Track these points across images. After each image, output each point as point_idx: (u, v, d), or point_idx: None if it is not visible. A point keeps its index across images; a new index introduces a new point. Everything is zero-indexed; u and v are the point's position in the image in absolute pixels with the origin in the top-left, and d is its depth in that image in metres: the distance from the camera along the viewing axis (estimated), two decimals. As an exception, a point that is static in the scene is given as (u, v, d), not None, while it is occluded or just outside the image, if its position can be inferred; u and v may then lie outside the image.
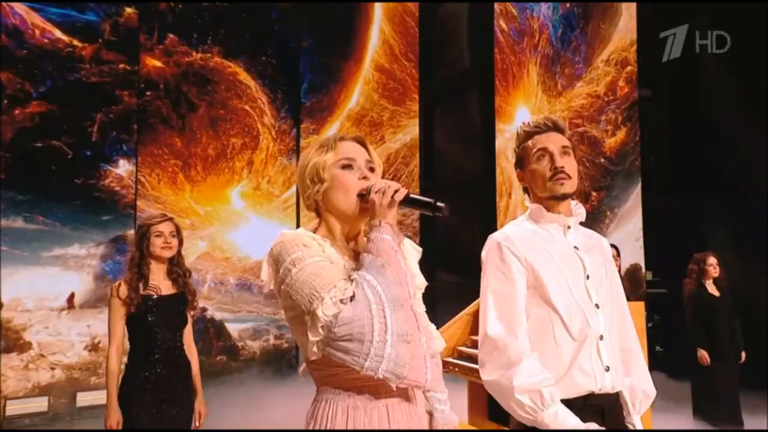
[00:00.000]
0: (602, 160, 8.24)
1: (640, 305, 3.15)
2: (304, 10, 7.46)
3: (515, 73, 7.62)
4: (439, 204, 1.34)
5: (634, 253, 8.21)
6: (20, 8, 5.91)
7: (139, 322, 2.70)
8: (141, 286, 2.69)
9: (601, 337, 1.72)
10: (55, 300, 5.82)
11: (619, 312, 1.86)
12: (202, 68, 6.95)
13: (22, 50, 5.88)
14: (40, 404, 5.65)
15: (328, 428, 1.32)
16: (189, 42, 6.88)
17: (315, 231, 1.46)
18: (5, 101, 5.77)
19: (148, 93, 6.57)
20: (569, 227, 1.85)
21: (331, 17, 7.58)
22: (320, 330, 1.25)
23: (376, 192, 1.36)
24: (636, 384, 1.82)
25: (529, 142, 1.86)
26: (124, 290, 2.70)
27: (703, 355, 5.19)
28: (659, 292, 8.32)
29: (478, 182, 7.48)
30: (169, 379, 2.70)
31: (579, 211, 1.89)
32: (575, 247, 1.82)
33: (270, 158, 7.31)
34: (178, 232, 2.83)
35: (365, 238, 1.38)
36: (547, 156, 1.80)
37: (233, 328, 6.88)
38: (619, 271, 4.69)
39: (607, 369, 1.71)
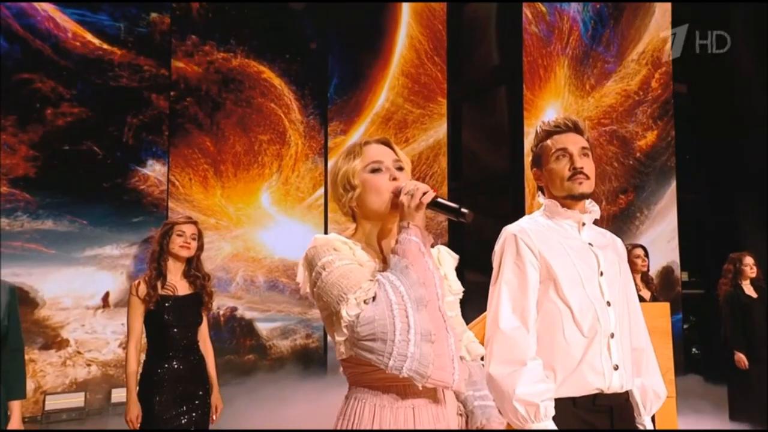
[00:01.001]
0: (633, 159, 8.09)
1: (665, 306, 3.09)
2: (331, 9, 7.50)
3: (543, 71, 7.54)
4: (463, 210, 1.35)
5: (668, 254, 8.04)
6: (54, 13, 6.08)
7: (156, 321, 2.78)
8: (159, 284, 2.77)
9: (612, 335, 1.71)
10: (90, 299, 5.97)
11: (631, 312, 1.84)
12: (229, 68, 7.05)
13: (55, 54, 6.05)
14: (77, 399, 5.80)
15: (354, 426, 1.36)
16: (216, 43, 6.99)
17: (351, 236, 1.50)
18: (39, 104, 5.95)
19: (176, 94, 6.70)
20: (584, 224, 1.83)
21: (358, 18, 7.62)
22: (344, 330, 1.29)
23: (405, 194, 1.38)
24: (647, 384, 1.80)
25: (548, 142, 1.85)
26: (143, 288, 2.78)
27: (741, 358, 5.05)
28: (695, 293, 8.13)
29: (506, 181, 7.42)
30: (186, 375, 2.77)
31: (593, 209, 1.88)
32: (590, 243, 1.81)
33: (299, 157, 7.39)
34: (199, 237, 2.92)
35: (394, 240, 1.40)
36: (567, 156, 1.79)
37: (262, 328, 6.96)
38: (648, 271, 4.60)
39: (616, 367, 1.69)
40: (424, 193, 1.37)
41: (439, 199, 1.38)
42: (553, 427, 1.61)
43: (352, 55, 7.66)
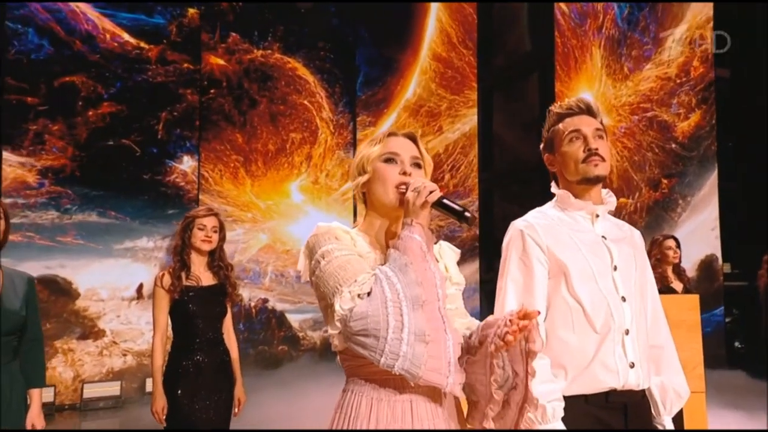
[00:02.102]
0: (673, 145, 7.82)
1: (694, 298, 2.97)
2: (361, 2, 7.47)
3: (577, 56, 7.35)
4: (467, 214, 1.34)
5: (709, 244, 7.76)
6: (93, 14, 6.25)
7: (180, 312, 2.80)
8: (183, 275, 2.80)
9: (627, 332, 1.63)
10: (126, 290, 6.14)
11: (650, 308, 1.76)
12: (262, 65, 7.12)
13: (94, 54, 6.22)
14: (114, 388, 5.99)
15: (351, 418, 1.34)
16: (250, 39, 7.05)
17: (358, 225, 1.49)
18: (80, 103, 6.14)
19: (211, 91, 6.80)
20: (597, 216, 1.75)
21: (387, 8, 7.57)
22: (337, 323, 1.28)
23: (412, 191, 1.36)
24: (667, 383, 1.72)
25: (561, 125, 1.77)
26: (167, 279, 2.80)
27: (782, 351, 4.83)
28: (738, 285, 7.83)
29: (538, 170, 7.26)
30: (210, 367, 2.78)
31: (610, 200, 1.79)
32: (603, 236, 1.73)
33: (328, 152, 7.41)
34: (221, 228, 2.91)
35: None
36: (581, 138, 1.71)
37: (294, 319, 7.04)
38: (680, 263, 4.42)
39: (632, 365, 1.61)
40: (431, 192, 1.34)
41: (445, 200, 1.36)
42: (562, 427, 1.55)
43: (380, 45, 7.63)
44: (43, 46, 5.99)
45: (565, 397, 1.59)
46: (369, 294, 1.26)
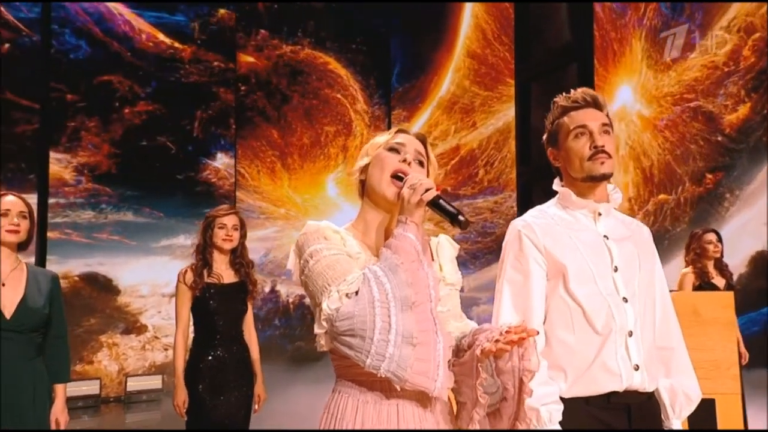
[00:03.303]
0: (720, 137, 7.49)
1: (729, 295, 2.84)
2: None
3: (616, 48, 7.12)
4: (461, 217, 1.31)
5: (760, 239, 7.39)
6: (129, 15, 6.42)
7: (201, 309, 2.84)
8: (205, 272, 2.84)
9: (630, 333, 1.57)
10: (165, 287, 6.30)
11: (659, 308, 1.70)
12: (293, 60, 7.17)
13: (131, 54, 6.39)
14: (155, 381, 6.16)
15: (337, 420, 1.33)
16: (281, 36, 7.12)
17: (352, 222, 1.47)
18: (116, 102, 6.32)
19: (244, 88, 6.90)
20: (600, 214, 1.69)
21: (422, 8, 7.51)
22: (323, 323, 1.27)
23: (408, 187, 1.33)
24: (677, 386, 1.65)
25: (565, 119, 1.70)
26: (189, 276, 2.85)
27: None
28: (793, 282, 7.45)
29: (576, 165, 7.09)
30: (230, 364, 2.82)
31: (615, 196, 1.72)
32: (605, 236, 1.67)
33: (365, 144, 7.40)
34: (241, 226, 2.95)
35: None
36: (586, 134, 1.64)
37: (330, 315, 7.07)
38: (721, 257, 4.25)
39: (637, 368, 1.56)
40: (427, 190, 1.31)
41: (441, 200, 1.33)
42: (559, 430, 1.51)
43: (414, 40, 7.59)
44: (81, 46, 6.18)
45: (565, 399, 1.55)
46: (357, 294, 1.24)
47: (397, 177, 1.38)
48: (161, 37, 6.51)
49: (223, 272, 2.89)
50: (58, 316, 2.47)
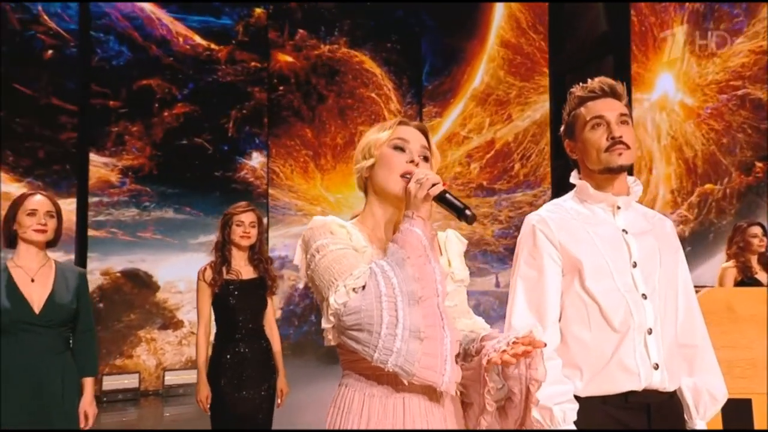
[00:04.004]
0: (769, 125, 7.17)
1: (761, 291, 2.71)
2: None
3: (656, 35, 6.89)
4: (467, 212, 1.30)
5: (813, 232, 7.06)
6: (167, 19, 6.56)
7: (222, 305, 2.88)
8: (224, 269, 2.88)
9: (650, 331, 1.52)
10: (202, 283, 6.40)
11: (683, 304, 1.64)
12: (330, 60, 7.20)
13: (169, 58, 6.53)
14: (192, 376, 6.25)
15: (344, 413, 1.33)
16: (317, 35, 7.15)
17: (359, 215, 1.46)
18: (156, 105, 6.47)
19: (280, 88, 6.96)
20: (619, 207, 1.63)
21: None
22: (330, 318, 1.27)
23: (414, 182, 1.32)
24: (700, 385, 1.59)
25: (582, 109, 1.66)
26: (209, 273, 2.90)
27: None
28: None
29: (614, 157, 6.90)
30: (252, 359, 2.85)
31: (635, 189, 1.67)
32: (624, 230, 1.61)
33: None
34: (259, 223, 2.97)
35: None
36: (603, 124, 1.60)
37: (364, 311, 7.09)
38: (766, 251, 4.05)
39: (656, 367, 1.50)
40: (434, 185, 1.30)
41: (447, 195, 1.31)
42: (573, 429, 1.47)
43: (446, 34, 7.50)
44: (123, 52, 6.36)
45: (580, 399, 1.50)
46: (364, 288, 1.23)
47: (406, 177, 1.37)
48: (198, 39, 6.63)
49: (242, 269, 2.92)
50: (85, 311, 2.53)
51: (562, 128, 1.78)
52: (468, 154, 7.47)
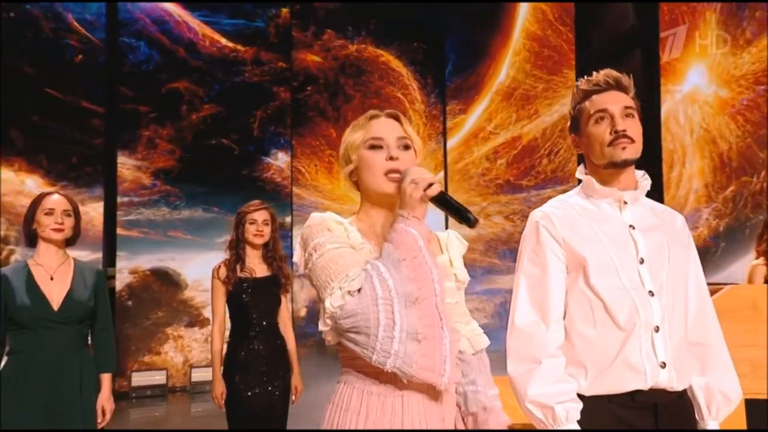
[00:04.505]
0: (809, 117, 6.91)
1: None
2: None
3: (687, 24, 6.69)
4: (469, 215, 1.27)
5: None
6: (194, 22, 6.65)
7: (236, 303, 2.90)
8: (238, 267, 2.90)
9: (657, 329, 1.48)
10: (228, 282, 6.49)
11: (694, 302, 1.59)
12: (356, 59, 7.21)
13: (196, 60, 6.63)
14: (219, 373, 6.36)
15: (342, 410, 1.33)
16: (344, 35, 7.17)
17: (356, 214, 1.46)
18: (184, 107, 6.58)
19: (308, 88, 7.00)
20: (626, 203, 1.60)
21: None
22: (327, 321, 1.27)
23: (409, 182, 1.30)
24: (713, 385, 1.54)
25: (586, 103, 1.63)
26: (223, 271, 2.92)
27: None
28: None
29: (643, 151, 6.73)
30: (266, 356, 2.86)
31: (644, 183, 1.63)
32: (631, 225, 1.57)
33: (421, 140, 7.36)
34: (272, 221, 2.98)
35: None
36: (607, 118, 1.57)
37: (390, 309, 7.09)
38: (801, 249, 3.89)
39: (663, 365, 1.46)
40: (430, 185, 1.28)
41: (447, 196, 1.29)
42: (576, 428, 1.44)
43: (470, 30, 7.43)
44: (152, 56, 6.48)
45: (586, 397, 1.48)
46: (360, 291, 1.23)
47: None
48: (224, 41, 6.71)
49: (256, 266, 2.94)
50: (103, 308, 2.57)
51: (568, 123, 1.74)
52: (494, 151, 7.40)
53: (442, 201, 1.28)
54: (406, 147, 1.39)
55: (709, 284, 3.04)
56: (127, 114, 6.39)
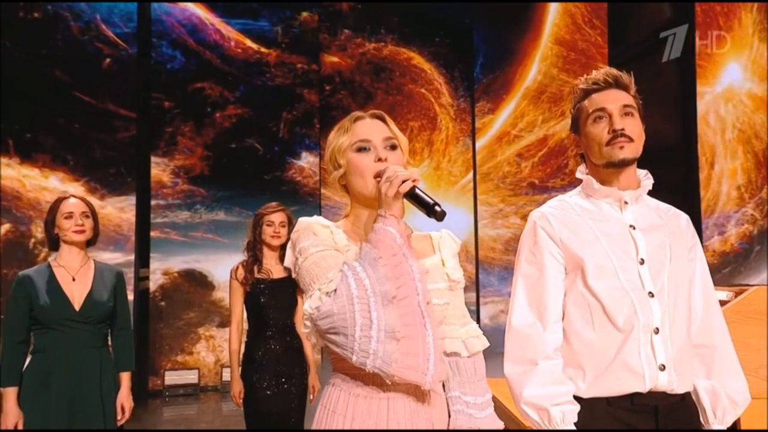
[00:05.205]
0: None
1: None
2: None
3: (722, 22, 6.52)
4: (437, 208, 1.26)
5: None
6: (219, 24, 6.77)
7: (253, 303, 2.95)
8: (255, 268, 2.95)
9: (657, 331, 1.46)
10: (254, 282, 6.56)
11: (700, 303, 1.57)
12: (377, 58, 7.22)
13: (221, 62, 6.73)
14: (248, 373, 6.44)
15: (329, 412, 1.34)
16: (365, 34, 7.19)
17: (345, 217, 1.47)
18: (208, 108, 6.69)
19: (328, 88, 7.04)
20: (626, 202, 1.57)
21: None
22: (306, 323, 1.29)
23: (384, 181, 1.30)
24: (719, 388, 1.51)
25: (585, 102, 1.61)
26: (240, 272, 2.98)
27: None
28: None
29: (677, 152, 6.59)
30: (283, 356, 2.89)
31: (646, 182, 1.60)
32: (631, 225, 1.55)
33: (451, 138, 7.34)
34: (289, 222, 3.01)
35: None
36: (606, 117, 1.55)
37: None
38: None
39: (663, 368, 1.44)
40: (404, 182, 1.28)
41: (417, 191, 1.28)
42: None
43: (498, 29, 7.38)
44: (176, 56, 6.61)
45: (584, 399, 1.47)
46: (335, 291, 1.23)
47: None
48: (248, 43, 6.81)
49: (273, 268, 2.98)
50: (122, 309, 2.64)
51: (570, 123, 1.73)
52: (519, 153, 7.33)
53: (414, 196, 1.28)
54: (393, 147, 1.39)
55: (737, 285, 2.96)
56: (155, 116, 6.52)
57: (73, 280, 2.53)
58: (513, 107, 7.23)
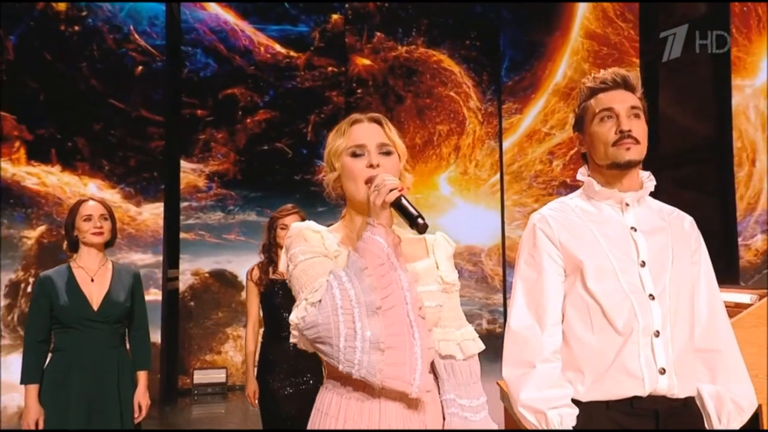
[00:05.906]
0: None
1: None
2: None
3: (760, 15, 6.29)
4: (419, 220, 1.27)
5: None
6: (249, 30, 6.87)
7: (269, 304, 2.98)
8: (271, 270, 2.97)
9: (657, 334, 1.43)
10: (282, 283, 6.65)
11: (705, 306, 1.54)
12: (407, 60, 7.22)
13: (251, 67, 6.84)
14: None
15: (322, 415, 1.36)
16: (395, 37, 7.20)
17: (342, 218, 1.47)
18: (240, 113, 6.80)
19: (358, 91, 7.07)
20: (627, 204, 1.55)
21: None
22: (294, 332, 1.30)
23: (373, 189, 1.31)
24: (724, 393, 1.48)
25: (592, 101, 1.59)
26: (256, 273, 3.01)
27: None
28: None
29: (712, 149, 6.39)
30: (298, 356, 2.88)
31: (648, 184, 1.59)
32: (632, 227, 1.53)
33: (477, 141, 7.30)
34: None
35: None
36: (613, 117, 1.53)
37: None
38: None
39: (663, 371, 1.41)
40: (391, 191, 1.28)
41: (403, 202, 1.28)
42: None
43: (526, 26, 7.28)
44: (209, 64, 6.74)
45: (584, 403, 1.45)
46: (320, 301, 1.24)
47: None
48: (278, 48, 6.89)
49: None
50: (139, 309, 2.70)
51: (573, 121, 1.71)
52: (550, 151, 7.22)
53: (399, 206, 1.27)
54: (388, 153, 1.39)
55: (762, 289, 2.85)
56: (185, 120, 6.65)
57: (92, 280, 2.59)
58: (542, 104, 7.13)
